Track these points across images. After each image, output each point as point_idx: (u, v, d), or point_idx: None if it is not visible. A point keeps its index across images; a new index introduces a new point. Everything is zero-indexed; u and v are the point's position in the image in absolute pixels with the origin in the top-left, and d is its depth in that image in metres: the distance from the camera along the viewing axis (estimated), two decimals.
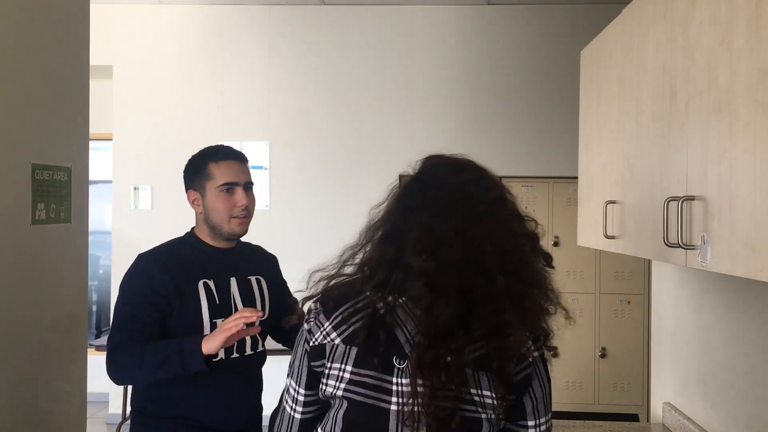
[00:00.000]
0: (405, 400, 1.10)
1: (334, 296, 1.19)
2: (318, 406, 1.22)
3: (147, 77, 4.77)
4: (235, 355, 1.86)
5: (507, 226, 1.14)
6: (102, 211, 5.34)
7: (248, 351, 1.89)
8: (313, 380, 1.19)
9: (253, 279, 1.95)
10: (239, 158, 1.92)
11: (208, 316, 1.81)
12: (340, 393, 1.14)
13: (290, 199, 4.72)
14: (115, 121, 4.78)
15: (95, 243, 5.22)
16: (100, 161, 4.94)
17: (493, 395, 1.10)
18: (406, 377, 1.11)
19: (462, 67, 4.65)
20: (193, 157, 1.96)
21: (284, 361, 1.44)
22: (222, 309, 1.83)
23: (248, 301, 1.91)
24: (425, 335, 1.09)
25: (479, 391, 1.11)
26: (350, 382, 1.14)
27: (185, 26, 4.78)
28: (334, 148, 4.68)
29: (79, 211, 2.37)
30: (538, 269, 1.16)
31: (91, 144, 2.50)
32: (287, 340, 2.05)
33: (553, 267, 1.18)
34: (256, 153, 4.73)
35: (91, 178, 2.49)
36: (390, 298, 1.14)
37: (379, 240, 1.17)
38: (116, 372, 1.78)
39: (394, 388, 1.12)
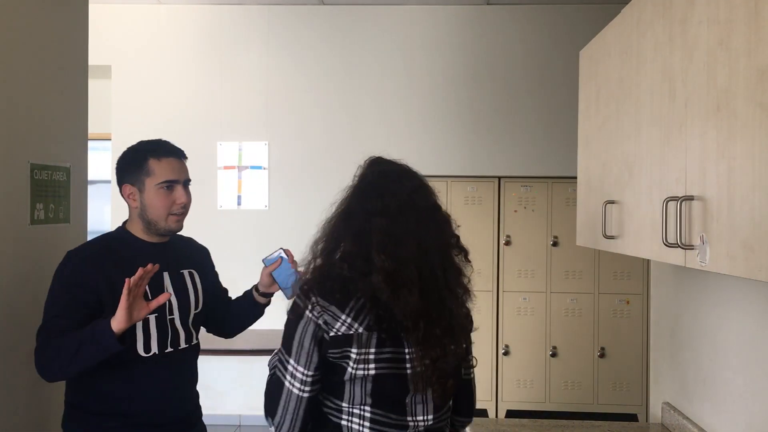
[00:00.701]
0: (415, 364, 1.38)
1: (333, 288, 1.39)
2: (320, 384, 1.42)
3: (146, 77, 4.76)
4: (170, 349, 1.86)
5: (443, 228, 1.46)
6: (101, 211, 5.33)
7: (182, 345, 1.90)
8: (320, 362, 1.39)
9: (186, 273, 1.95)
10: (179, 155, 1.95)
11: None
12: (372, 372, 1.37)
13: (289, 199, 4.71)
14: (114, 121, 4.77)
15: None
16: (98, 161, 4.92)
17: (463, 346, 1.49)
18: (412, 347, 1.38)
19: (461, 67, 4.65)
20: (131, 150, 1.95)
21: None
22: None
23: (182, 295, 1.90)
24: (410, 317, 1.35)
25: (455, 348, 1.44)
26: (376, 361, 1.37)
27: (184, 26, 4.77)
28: (333, 148, 4.68)
29: (77, 211, 2.37)
30: (458, 261, 1.48)
31: (90, 144, 2.51)
32: (220, 331, 2.15)
33: (469, 261, 1.50)
34: (255, 153, 4.73)
35: (89, 178, 2.49)
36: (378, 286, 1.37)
37: (351, 236, 1.42)
38: (41, 368, 1.71)
39: (407, 356, 1.39)
